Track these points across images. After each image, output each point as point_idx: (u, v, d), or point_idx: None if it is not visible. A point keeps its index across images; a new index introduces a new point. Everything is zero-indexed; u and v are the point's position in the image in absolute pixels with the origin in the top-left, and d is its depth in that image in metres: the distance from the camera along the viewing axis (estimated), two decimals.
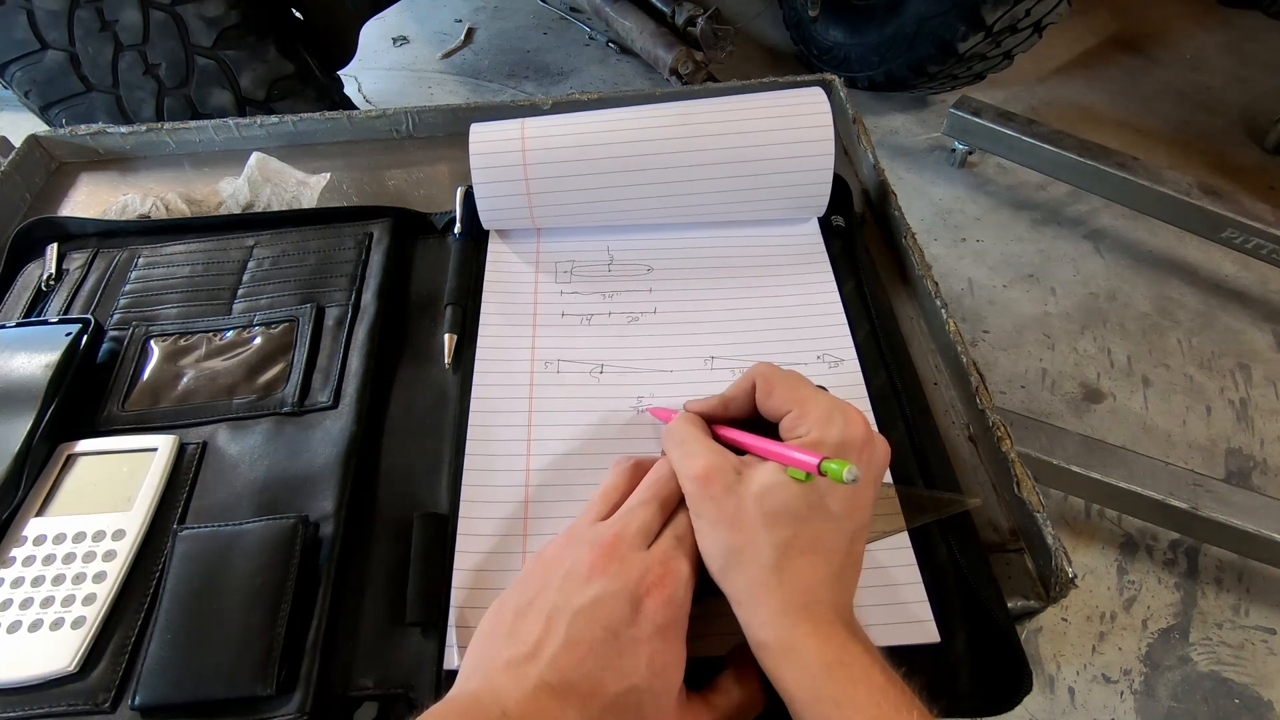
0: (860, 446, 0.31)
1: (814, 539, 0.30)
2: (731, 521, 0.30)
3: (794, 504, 0.29)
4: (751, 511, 0.29)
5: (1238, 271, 1.38)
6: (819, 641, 0.28)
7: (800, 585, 0.29)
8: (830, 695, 0.27)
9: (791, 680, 0.28)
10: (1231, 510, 0.92)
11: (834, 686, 0.27)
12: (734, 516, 0.30)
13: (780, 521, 0.29)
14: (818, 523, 0.30)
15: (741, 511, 0.30)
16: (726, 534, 0.30)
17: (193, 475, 0.39)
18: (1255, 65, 1.81)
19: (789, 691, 0.28)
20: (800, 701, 0.28)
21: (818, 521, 0.30)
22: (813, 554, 0.29)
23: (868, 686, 0.27)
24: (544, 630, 0.28)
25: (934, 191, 1.54)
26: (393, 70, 1.85)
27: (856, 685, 0.27)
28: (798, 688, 0.28)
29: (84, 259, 0.50)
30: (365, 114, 0.61)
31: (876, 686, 0.27)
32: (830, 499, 0.30)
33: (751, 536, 0.29)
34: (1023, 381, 1.23)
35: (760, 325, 0.46)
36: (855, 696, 0.27)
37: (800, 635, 0.28)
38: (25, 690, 0.33)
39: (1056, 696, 0.93)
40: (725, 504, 0.30)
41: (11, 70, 0.95)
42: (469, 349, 0.45)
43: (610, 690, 0.27)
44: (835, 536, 0.30)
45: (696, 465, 0.31)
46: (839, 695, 0.27)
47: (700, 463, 0.31)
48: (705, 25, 1.49)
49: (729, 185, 0.48)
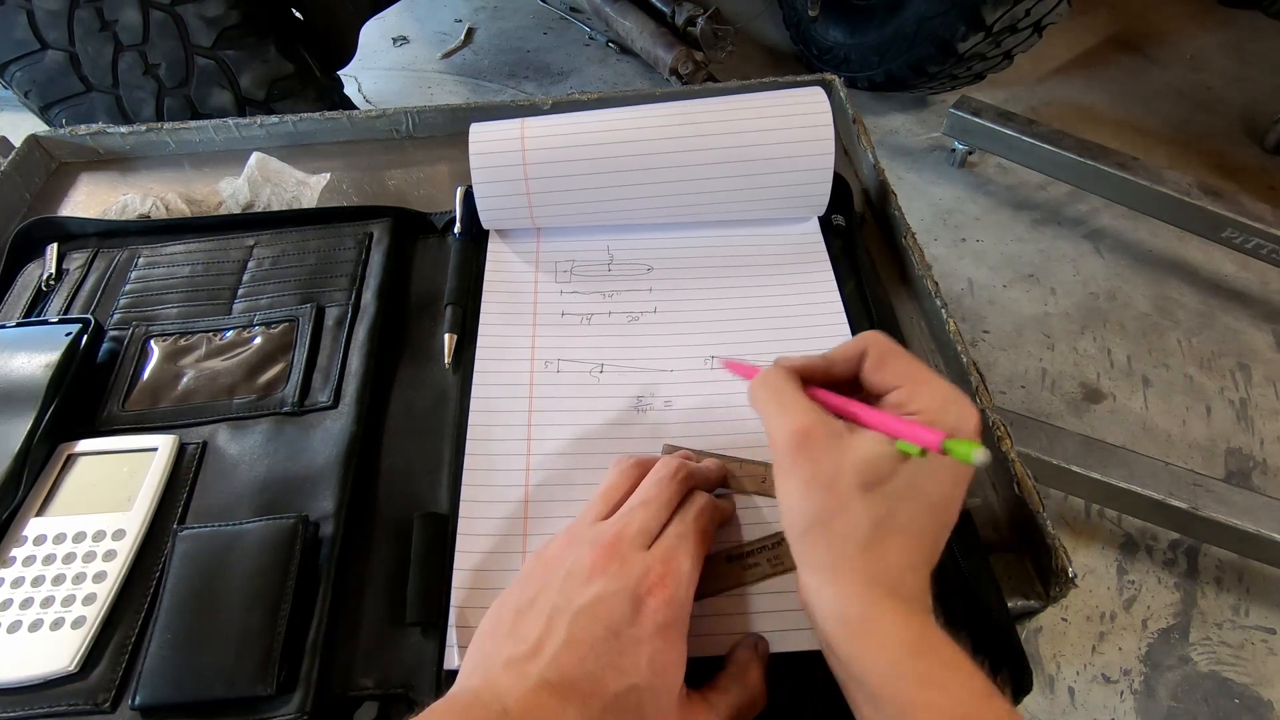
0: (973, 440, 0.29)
1: (909, 521, 0.28)
2: (826, 485, 0.28)
3: (897, 481, 0.28)
4: (850, 478, 0.28)
5: (1238, 271, 1.38)
6: (904, 619, 0.27)
7: (889, 565, 0.28)
8: (916, 674, 0.26)
9: (871, 657, 0.27)
10: (1231, 510, 0.92)
11: (921, 665, 0.26)
12: (830, 480, 0.28)
13: (880, 496, 0.28)
14: (917, 504, 0.29)
15: (839, 476, 0.28)
16: (820, 496, 0.28)
17: (193, 475, 0.39)
18: (1255, 65, 1.81)
19: (867, 668, 0.27)
20: (880, 678, 0.27)
21: (917, 502, 0.29)
22: (905, 536, 0.28)
23: (955, 669, 0.26)
24: (545, 629, 0.28)
25: (934, 191, 1.54)
26: (393, 70, 1.85)
27: (945, 667, 0.26)
28: (878, 665, 0.27)
29: (84, 259, 0.50)
30: (365, 114, 0.61)
31: (964, 670, 0.26)
32: (931, 484, 0.29)
33: (845, 504, 0.28)
34: (1023, 381, 1.23)
35: (760, 325, 0.46)
36: (943, 678, 0.26)
37: (885, 612, 0.27)
38: (25, 690, 0.33)
39: (1056, 696, 0.93)
40: (822, 465, 0.29)
41: (11, 70, 0.95)
42: (469, 349, 0.45)
43: (611, 689, 0.27)
44: (931, 523, 0.29)
45: (794, 421, 0.30)
46: (926, 675, 0.26)
47: (798, 419, 0.30)
48: (705, 25, 1.49)
49: (729, 185, 0.48)
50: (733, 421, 0.41)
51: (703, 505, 0.33)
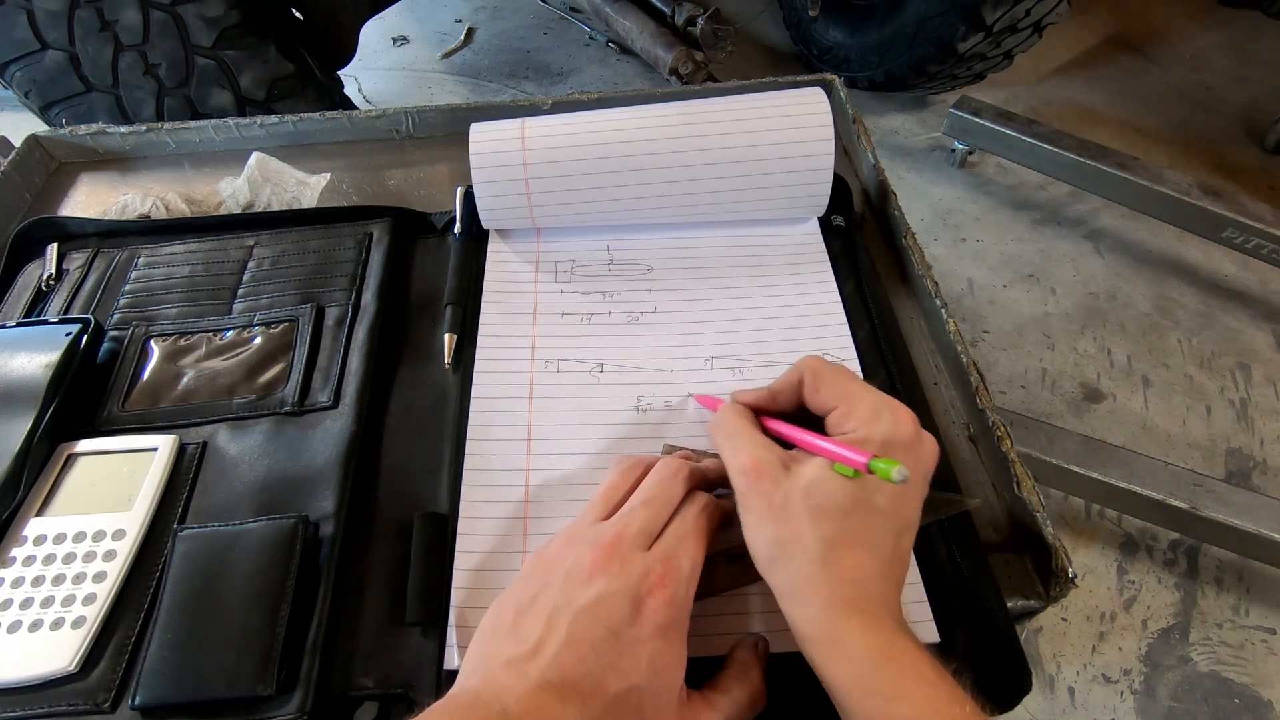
0: (908, 445, 0.31)
1: (860, 534, 0.30)
2: (778, 515, 0.30)
3: (840, 499, 0.29)
4: (798, 505, 0.30)
5: (1238, 271, 1.38)
6: (866, 634, 0.28)
7: (847, 579, 0.29)
8: (879, 689, 0.27)
9: (839, 673, 0.28)
10: (1231, 510, 0.92)
11: (883, 680, 0.27)
12: (781, 510, 0.30)
13: (827, 516, 0.29)
14: (864, 518, 0.30)
15: (789, 505, 0.30)
16: (773, 527, 0.30)
17: (193, 475, 0.39)
18: (1255, 65, 1.81)
19: (836, 684, 0.28)
20: (848, 694, 0.28)
21: (864, 516, 0.30)
22: (859, 548, 0.29)
23: (918, 680, 0.27)
24: (545, 629, 0.28)
25: (934, 191, 1.54)
26: (393, 70, 1.85)
27: (906, 678, 0.27)
28: (845, 680, 0.28)
29: (84, 259, 0.50)
30: (365, 114, 0.61)
31: (927, 680, 0.27)
32: (877, 495, 0.30)
33: (798, 530, 0.29)
34: (1023, 381, 1.23)
35: (760, 325, 0.46)
36: (906, 690, 0.27)
37: (848, 628, 0.28)
38: (25, 690, 0.33)
39: (1056, 696, 0.93)
40: (772, 497, 0.30)
41: (11, 70, 0.95)
42: (469, 349, 0.45)
43: (611, 689, 0.27)
44: (882, 532, 0.30)
45: (744, 458, 0.32)
46: (888, 689, 0.27)
47: (747, 456, 0.32)
48: (705, 25, 1.49)
49: (729, 185, 0.48)
50: None
51: (703, 505, 0.33)
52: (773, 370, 0.44)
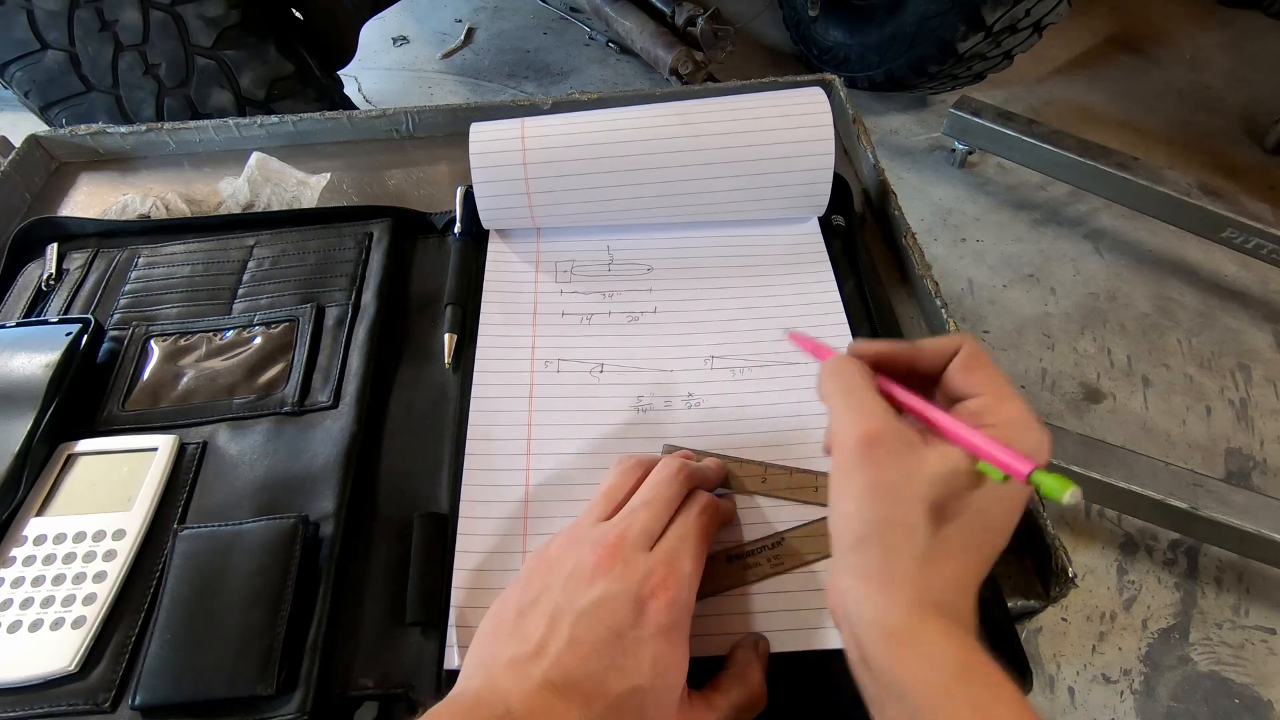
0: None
1: (969, 541, 0.28)
2: (891, 494, 0.27)
3: (971, 502, 0.27)
4: (920, 491, 0.27)
5: (1238, 271, 1.38)
6: (950, 641, 0.26)
7: (943, 583, 0.27)
8: (967, 698, 0.25)
9: (918, 674, 0.26)
10: (1231, 510, 0.92)
11: (972, 690, 0.25)
12: (895, 490, 0.27)
13: (950, 514, 0.27)
14: (977, 527, 0.28)
15: (905, 487, 0.27)
16: (881, 506, 0.27)
17: (193, 475, 0.39)
18: (1255, 65, 1.81)
19: (913, 685, 0.26)
20: (927, 698, 0.26)
21: (978, 526, 0.28)
22: (964, 556, 0.28)
23: (1004, 701, 0.25)
24: (547, 629, 0.28)
25: (934, 191, 1.54)
26: (393, 70, 1.85)
27: (995, 697, 0.25)
28: (925, 683, 0.26)
29: (84, 259, 0.50)
30: (365, 114, 0.61)
31: (1014, 703, 0.25)
32: (996, 508, 0.28)
33: (907, 517, 0.27)
34: (1023, 381, 1.23)
35: (760, 325, 0.46)
36: (993, 707, 0.25)
37: (934, 630, 0.26)
38: (25, 690, 0.33)
39: (1056, 696, 0.93)
40: (889, 473, 0.27)
41: (11, 70, 0.95)
42: (469, 348, 0.45)
43: (613, 690, 0.27)
44: (989, 546, 0.28)
45: (863, 422, 0.28)
46: (976, 700, 0.25)
47: (868, 421, 0.28)
48: (705, 25, 1.49)
49: (729, 184, 0.48)
50: (733, 421, 0.41)
51: (704, 505, 0.33)
52: (773, 370, 0.44)
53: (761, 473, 0.39)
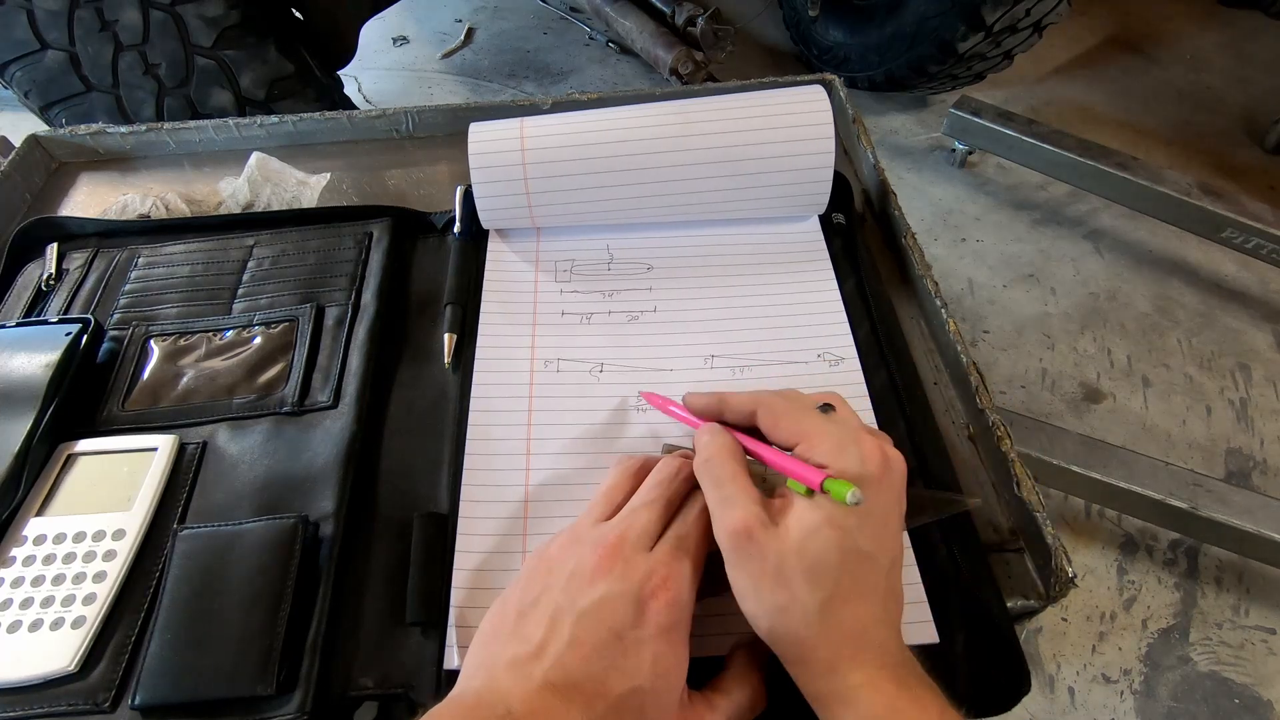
0: (878, 478, 0.30)
1: (855, 584, 0.29)
2: (773, 579, 0.29)
3: (831, 553, 0.29)
4: (793, 567, 0.29)
5: (1238, 271, 1.38)
6: (873, 692, 0.28)
7: (847, 634, 0.29)
8: None
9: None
10: (1231, 510, 0.92)
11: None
12: (776, 573, 0.29)
13: (822, 574, 0.29)
14: (855, 567, 0.29)
15: (783, 568, 0.29)
16: (770, 593, 0.29)
17: (193, 475, 0.39)
18: (1255, 65, 1.81)
19: None
20: None
21: (855, 565, 0.29)
22: (855, 601, 0.29)
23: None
24: (548, 630, 0.28)
25: (934, 191, 1.54)
26: (393, 70, 1.85)
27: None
28: None
29: (84, 259, 0.50)
30: (365, 114, 0.61)
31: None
32: (860, 537, 0.29)
33: (795, 593, 0.29)
34: (1023, 381, 1.23)
35: (760, 324, 0.46)
36: None
37: (854, 687, 0.28)
38: (25, 690, 0.33)
39: (1056, 696, 0.93)
40: (767, 560, 0.29)
41: (11, 70, 0.95)
42: (469, 348, 0.45)
43: (614, 691, 0.27)
44: (874, 576, 0.29)
45: (735, 517, 0.30)
46: None
47: (739, 515, 0.30)
48: (705, 25, 1.49)
49: (729, 183, 0.48)
50: None
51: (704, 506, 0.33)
52: (773, 369, 0.44)
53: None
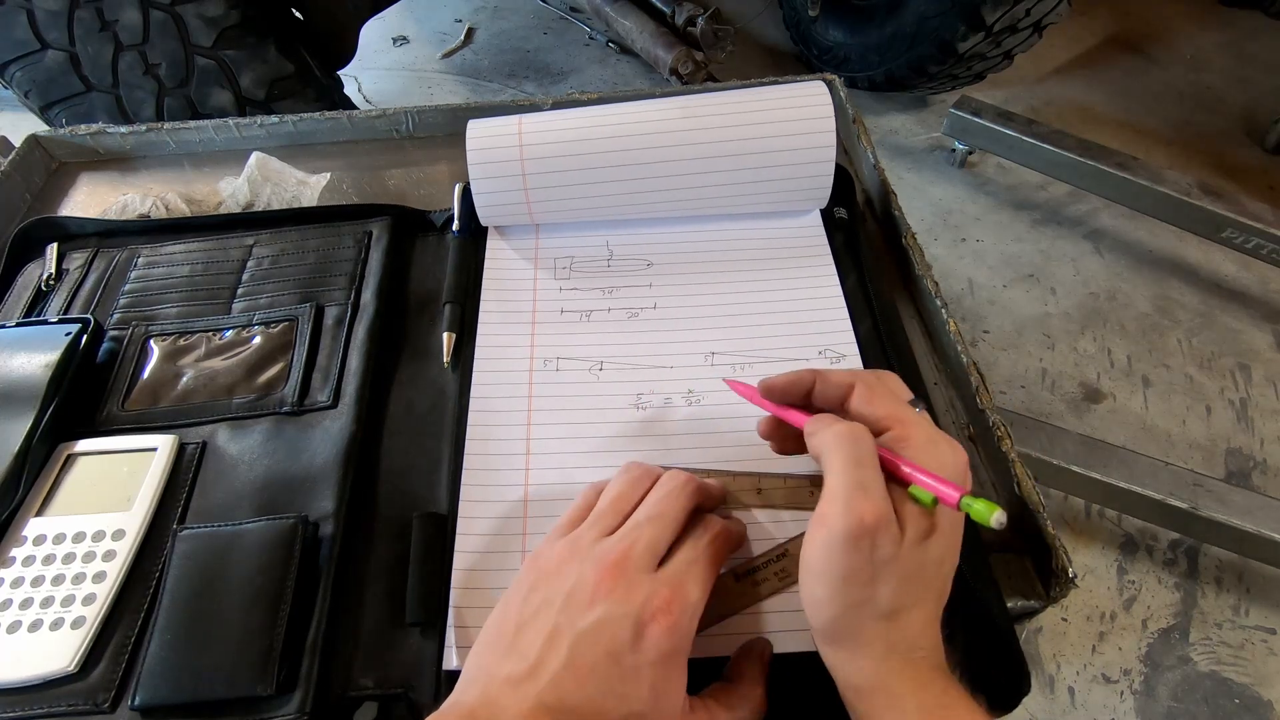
0: (964, 483, 0.30)
1: (924, 589, 0.29)
2: (871, 578, 0.28)
3: (930, 565, 0.29)
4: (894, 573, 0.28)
5: (1238, 271, 1.38)
6: (920, 688, 0.28)
7: (907, 634, 0.29)
8: None
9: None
10: (1231, 510, 0.92)
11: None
12: (875, 574, 0.28)
13: (916, 583, 0.29)
14: (928, 573, 0.29)
15: (886, 572, 0.28)
16: (859, 589, 0.28)
17: (192, 475, 0.39)
18: (1255, 65, 1.81)
19: None
20: None
21: (928, 572, 0.29)
22: (923, 604, 0.29)
23: None
24: (545, 648, 0.28)
25: (934, 191, 1.54)
26: (393, 70, 1.85)
27: None
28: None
29: (84, 259, 0.50)
30: (365, 114, 0.61)
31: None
32: (933, 544, 0.29)
33: (880, 593, 0.28)
34: (1023, 381, 1.23)
35: (761, 320, 0.46)
36: None
37: (902, 680, 0.28)
38: (25, 690, 0.33)
39: (1056, 696, 0.93)
40: (874, 560, 0.28)
41: (11, 70, 0.95)
42: (468, 347, 0.45)
43: (611, 715, 0.27)
44: (940, 582, 0.30)
45: (867, 508, 0.28)
46: None
47: (872, 507, 0.28)
48: (705, 25, 1.49)
49: (729, 177, 0.48)
50: (732, 419, 0.41)
51: (718, 531, 0.32)
52: (774, 366, 0.44)
53: (755, 483, 0.38)
